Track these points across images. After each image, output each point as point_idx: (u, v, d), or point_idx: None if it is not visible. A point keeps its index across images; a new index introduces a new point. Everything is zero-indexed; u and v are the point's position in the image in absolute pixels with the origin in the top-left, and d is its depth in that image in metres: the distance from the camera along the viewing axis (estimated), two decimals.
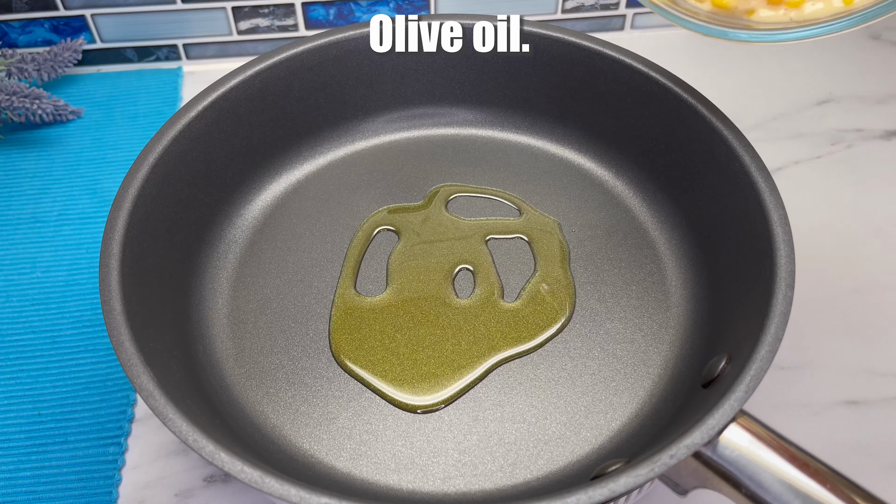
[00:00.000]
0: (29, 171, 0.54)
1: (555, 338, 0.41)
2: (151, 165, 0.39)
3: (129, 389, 0.43)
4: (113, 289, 0.34)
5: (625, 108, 0.46)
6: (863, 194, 0.52)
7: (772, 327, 0.32)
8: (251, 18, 0.60)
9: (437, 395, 0.39)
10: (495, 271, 0.44)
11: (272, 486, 0.29)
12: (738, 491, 0.29)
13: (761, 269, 0.35)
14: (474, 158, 0.49)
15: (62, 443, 0.40)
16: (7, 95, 0.54)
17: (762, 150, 0.39)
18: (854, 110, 0.58)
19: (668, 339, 0.40)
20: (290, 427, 0.38)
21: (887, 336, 0.45)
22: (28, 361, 0.44)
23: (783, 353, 0.43)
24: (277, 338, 0.41)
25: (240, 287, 0.43)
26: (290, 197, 0.47)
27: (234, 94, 0.43)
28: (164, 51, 0.61)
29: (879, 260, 0.48)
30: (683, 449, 0.29)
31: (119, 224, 0.37)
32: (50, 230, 0.50)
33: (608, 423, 0.38)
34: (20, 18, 0.58)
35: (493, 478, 0.36)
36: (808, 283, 0.46)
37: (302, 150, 0.48)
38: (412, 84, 0.49)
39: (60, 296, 0.47)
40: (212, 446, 0.29)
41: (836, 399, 0.42)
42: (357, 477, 0.36)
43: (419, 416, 0.38)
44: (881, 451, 0.40)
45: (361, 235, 0.45)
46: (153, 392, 0.31)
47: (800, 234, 0.47)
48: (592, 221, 0.46)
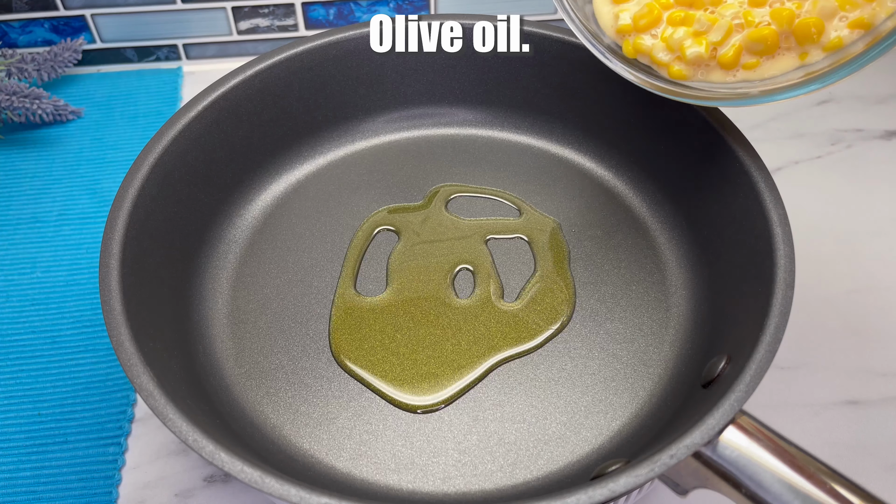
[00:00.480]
0: (29, 171, 0.54)
1: (555, 338, 0.41)
2: (151, 165, 0.39)
3: (129, 389, 0.43)
4: (113, 289, 0.34)
5: (625, 108, 0.46)
6: (863, 194, 0.52)
7: (772, 327, 0.32)
8: (251, 18, 0.60)
9: (437, 395, 0.39)
10: (495, 271, 0.44)
11: (272, 486, 0.29)
12: (738, 491, 0.29)
13: (761, 269, 0.35)
14: (474, 158, 0.49)
15: (62, 443, 0.40)
16: (7, 95, 0.54)
17: (762, 150, 0.39)
18: (854, 110, 0.58)
19: (668, 339, 0.40)
20: (290, 427, 0.38)
21: (887, 336, 0.44)
22: (28, 361, 0.44)
23: (783, 353, 0.43)
24: (277, 338, 0.41)
25: (240, 287, 0.43)
26: (290, 197, 0.47)
27: (234, 94, 0.43)
28: (164, 51, 0.61)
29: (879, 260, 0.48)
30: (683, 449, 0.29)
31: (119, 224, 0.37)
32: (50, 230, 0.50)
33: (608, 423, 0.38)
34: (20, 18, 0.58)
35: (493, 478, 0.36)
36: (808, 283, 0.46)
37: (302, 150, 0.48)
38: (412, 84, 0.49)
39: (60, 296, 0.47)
40: (212, 446, 0.29)
41: (836, 399, 0.42)
42: (357, 477, 0.36)
43: (419, 416, 0.38)
44: (881, 451, 0.40)
45: (361, 235, 0.45)
46: (153, 392, 0.31)
47: (800, 234, 0.48)
48: (592, 221, 0.46)
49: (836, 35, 0.33)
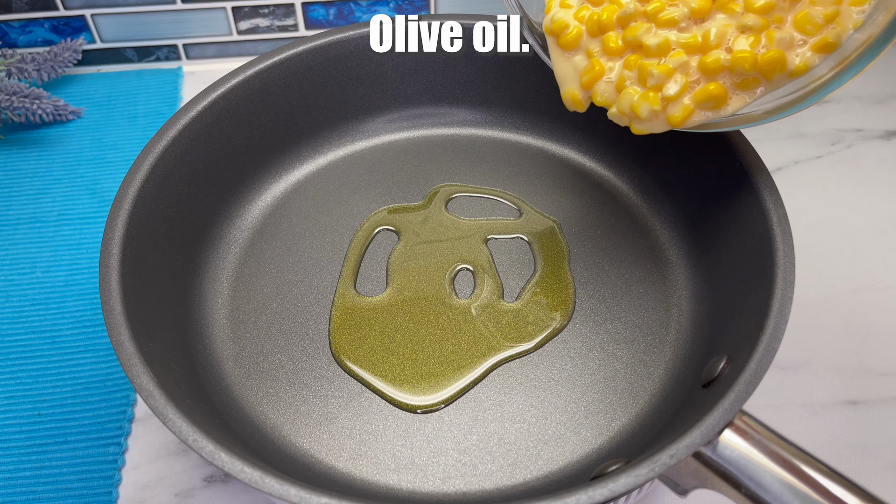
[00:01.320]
0: (29, 171, 0.54)
1: (555, 338, 0.41)
2: (151, 165, 0.39)
3: (129, 389, 0.43)
4: (113, 289, 0.34)
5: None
6: (863, 194, 0.52)
7: (771, 327, 0.32)
8: (251, 18, 0.60)
9: (437, 395, 0.39)
10: (495, 271, 0.44)
11: (272, 486, 0.29)
12: (738, 491, 0.29)
13: (761, 269, 0.35)
14: (474, 158, 0.49)
15: (62, 443, 0.40)
16: (7, 95, 0.54)
17: (762, 150, 0.39)
18: (854, 110, 0.58)
19: (668, 339, 0.40)
20: (290, 427, 0.38)
21: (887, 336, 0.44)
22: (28, 361, 0.44)
23: (783, 353, 0.43)
24: (277, 338, 0.41)
25: (240, 287, 0.43)
26: (290, 197, 0.47)
27: (234, 94, 0.43)
28: (164, 51, 0.61)
29: (879, 260, 0.48)
30: (683, 449, 0.29)
31: (119, 224, 0.37)
32: (50, 230, 0.50)
33: (608, 423, 0.38)
34: (20, 18, 0.58)
35: (493, 478, 0.36)
36: (807, 283, 0.46)
37: (302, 150, 0.48)
38: (412, 84, 0.49)
39: (60, 296, 0.47)
40: (212, 446, 0.29)
41: (836, 399, 0.42)
42: (357, 477, 0.36)
43: (419, 416, 0.38)
44: (881, 451, 0.40)
45: (361, 235, 0.45)
46: (153, 392, 0.31)
47: (800, 234, 0.48)
48: (592, 221, 0.46)
49: (800, 61, 0.32)
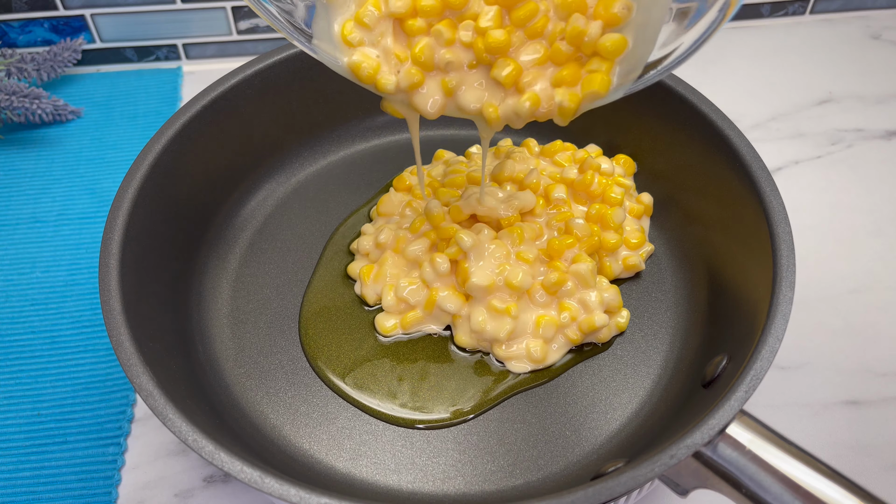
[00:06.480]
0: (29, 171, 0.54)
1: None
2: (151, 165, 0.39)
3: (129, 389, 0.43)
4: (113, 289, 0.34)
5: (624, 107, 0.45)
6: (863, 194, 0.52)
7: (772, 327, 0.32)
8: (251, 18, 0.60)
9: (437, 415, 0.39)
10: None
11: (272, 486, 0.29)
12: (738, 491, 0.29)
13: (761, 269, 0.35)
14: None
15: (62, 443, 0.40)
16: (7, 95, 0.54)
17: (762, 150, 0.39)
18: (854, 110, 0.58)
19: (669, 339, 0.40)
20: (290, 427, 0.38)
21: (887, 336, 0.45)
22: (28, 361, 0.44)
23: (783, 353, 0.43)
24: (277, 338, 0.41)
25: (240, 287, 0.43)
26: (290, 197, 0.47)
27: (234, 94, 0.43)
28: (163, 51, 0.61)
29: (879, 260, 0.48)
30: (683, 449, 0.29)
31: (119, 224, 0.37)
32: (50, 230, 0.50)
33: (608, 423, 0.38)
34: (20, 18, 0.58)
35: (493, 478, 0.36)
36: (808, 283, 0.46)
37: (302, 150, 0.48)
38: None
39: (60, 296, 0.47)
40: (212, 446, 0.30)
41: (836, 399, 0.42)
42: (357, 477, 0.36)
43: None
44: (881, 451, 0.40)
45: None
46: (153, 392, 0.31)
47: (800, 234, 0.48)
48: None
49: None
